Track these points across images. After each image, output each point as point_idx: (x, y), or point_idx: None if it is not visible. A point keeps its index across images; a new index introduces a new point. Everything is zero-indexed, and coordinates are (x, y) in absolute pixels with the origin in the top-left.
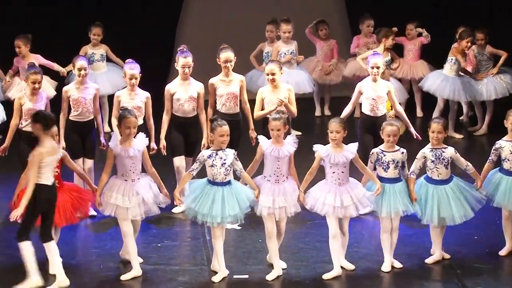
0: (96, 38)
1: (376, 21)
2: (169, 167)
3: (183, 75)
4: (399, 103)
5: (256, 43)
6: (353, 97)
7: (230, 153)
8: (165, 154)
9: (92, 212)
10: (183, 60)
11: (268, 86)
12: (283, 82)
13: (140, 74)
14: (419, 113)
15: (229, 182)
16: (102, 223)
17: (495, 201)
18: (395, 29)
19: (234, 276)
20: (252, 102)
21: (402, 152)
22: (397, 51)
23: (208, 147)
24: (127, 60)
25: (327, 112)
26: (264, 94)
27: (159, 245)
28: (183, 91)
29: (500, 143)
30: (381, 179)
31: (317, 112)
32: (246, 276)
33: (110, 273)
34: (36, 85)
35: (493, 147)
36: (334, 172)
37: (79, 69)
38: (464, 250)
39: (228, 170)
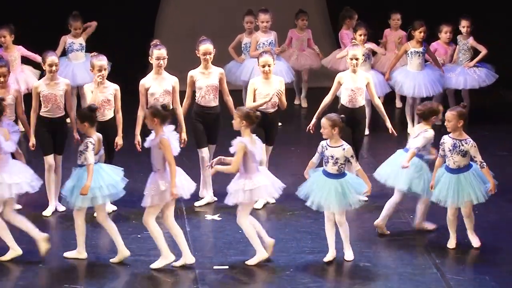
0: (77, 32)
1: (358, 12)
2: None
3: (157, 68)
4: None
5: (234, 35)
6: (333, 87)
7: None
8: (140, 150)
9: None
10: (158, 52)
11: (260, 78)
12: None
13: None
14: (398, 103)
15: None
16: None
17: (433, 195)
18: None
19: (214, 267)
20: (231, 93)
21: (344, 149)
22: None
23: (185, 141)
24: (92, 53)
25: (303, 103)
26: (256, 86)
27: (139, 236)
28: (157, 85)
29: (444, 138)
30: (323, 171)
31: (297, 101)
32: (226, 267)
33: (90, 264)
34: (1, 79)
35: (440, 141)
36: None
37: (50, 65)
38: (443, 239)
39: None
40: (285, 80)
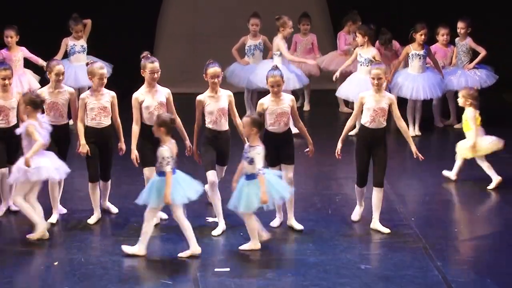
0: (79, 35)
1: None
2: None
3: (151, 81)
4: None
5: (235, 35)
6: (355, 109)
7: None
8: (137, 165)
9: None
10: (151, 65)
11: (269, 97)
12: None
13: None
14: None
15: None
16: (78, 217)
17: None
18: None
19: (216, 269)
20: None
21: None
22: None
23: (191, 148)
24: (90, 60)
25: (306, 107)
26: (266, 105)
27: (140, 238)
28: (151, 99)
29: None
30: None
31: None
32: (228, 269)
33: (91, 266)
34: (6, 81)
35: None
36: None
37: (57, 74)
38: (444, 242)
39: None
40: (301, 83)
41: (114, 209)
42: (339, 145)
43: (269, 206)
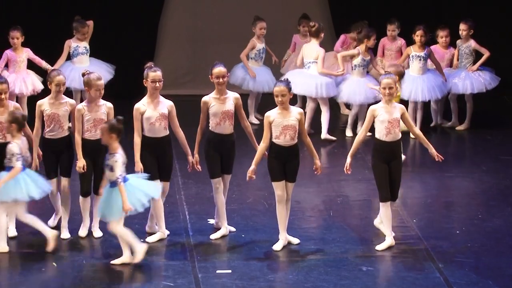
0: (85, 36)
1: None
2: None
3: (153, 90)
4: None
5: (237, 38)
6: (366, 122)
7: None
8: None
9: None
10: (153, 74)
11: (276, 110)
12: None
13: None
14: None
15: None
16: (78, 219)
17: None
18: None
19: (217, 271)
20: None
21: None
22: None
23: (193, 164)
24: (86, 71)
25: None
26: (272, 118)
27: (141, 240)
28: (152, 110)
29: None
30: None
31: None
32: (229, 271)
33: (92, 268)
34: (2, 96)
35: None
36: None
37: (57, 85)
38: (446, 244)
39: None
40: (332, 94)
41: (98, 233)
42: (349, 159)
43: (137, 210)
